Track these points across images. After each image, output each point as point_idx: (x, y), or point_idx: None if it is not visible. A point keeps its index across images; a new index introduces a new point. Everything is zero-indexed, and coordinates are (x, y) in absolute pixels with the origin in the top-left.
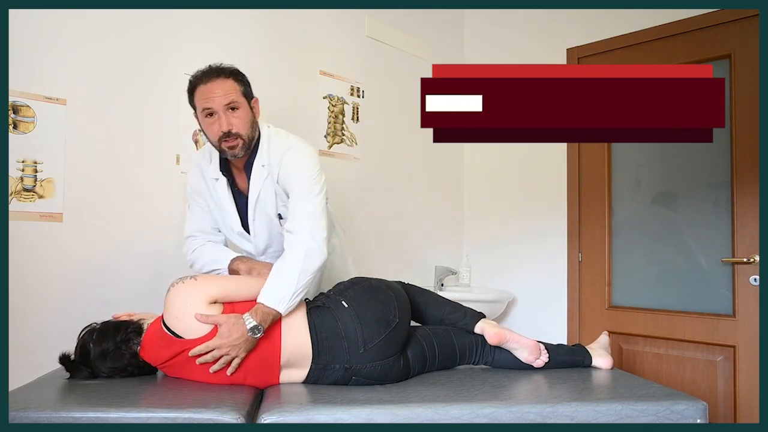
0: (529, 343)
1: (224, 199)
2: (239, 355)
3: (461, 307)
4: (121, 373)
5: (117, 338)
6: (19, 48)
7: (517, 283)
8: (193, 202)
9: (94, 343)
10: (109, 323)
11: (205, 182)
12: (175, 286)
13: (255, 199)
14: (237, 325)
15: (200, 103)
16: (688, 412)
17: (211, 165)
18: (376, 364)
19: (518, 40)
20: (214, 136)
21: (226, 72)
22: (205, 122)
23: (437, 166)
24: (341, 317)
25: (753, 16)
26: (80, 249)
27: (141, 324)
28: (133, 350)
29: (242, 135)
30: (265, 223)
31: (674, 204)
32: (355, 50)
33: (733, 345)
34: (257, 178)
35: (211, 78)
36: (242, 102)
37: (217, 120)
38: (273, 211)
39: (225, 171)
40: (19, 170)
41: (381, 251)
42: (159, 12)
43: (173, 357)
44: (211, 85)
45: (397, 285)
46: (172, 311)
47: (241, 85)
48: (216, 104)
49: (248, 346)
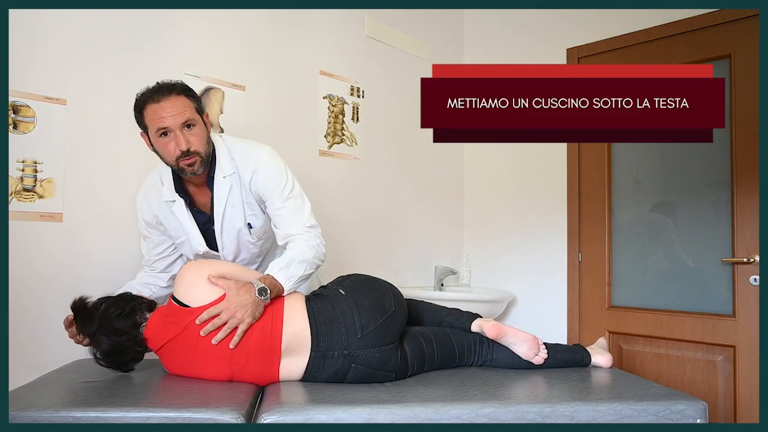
0: (527, 337)
1: (184, 220)
2: (245, 320)
3: (457, 310)
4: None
5: (128, 305)
6: (19, 48)
7: (517, 283)
8: (145, 234)
9: (107, 302)
10: (126, 293)
11: (159, 210)
12: (187, 264)
13: (221, 213)
14: (245, 287)
15: (153, 122)
16: (688, 412)
17: (164, 188)
18: (374, 350)
19: (518, 40)
20: (171, 156)
21: (177, 89)
22: (159, 142)
23: (437, 166)
24: (339, 304)
25: (753, 16)
26: (80, 249)
27: (155, 303)
28: (138, 321)
29: (200, 152)
30: (233, 235)
31: (674, 204)
32: (355, 50)
33: (733, 345)
34: (221, 191)
35: (163, 96)
36: (197, 119)
37: (173, 139)
38: (241, 221)
39: (180, 191)
40: (19, 170)
41: (381, 251)
42: (159, 12)
43: (177, 335)
44: (164, 104)
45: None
46: (182, 283)
47: (193, 101)
48: (171, 123)
49: (255, 311)
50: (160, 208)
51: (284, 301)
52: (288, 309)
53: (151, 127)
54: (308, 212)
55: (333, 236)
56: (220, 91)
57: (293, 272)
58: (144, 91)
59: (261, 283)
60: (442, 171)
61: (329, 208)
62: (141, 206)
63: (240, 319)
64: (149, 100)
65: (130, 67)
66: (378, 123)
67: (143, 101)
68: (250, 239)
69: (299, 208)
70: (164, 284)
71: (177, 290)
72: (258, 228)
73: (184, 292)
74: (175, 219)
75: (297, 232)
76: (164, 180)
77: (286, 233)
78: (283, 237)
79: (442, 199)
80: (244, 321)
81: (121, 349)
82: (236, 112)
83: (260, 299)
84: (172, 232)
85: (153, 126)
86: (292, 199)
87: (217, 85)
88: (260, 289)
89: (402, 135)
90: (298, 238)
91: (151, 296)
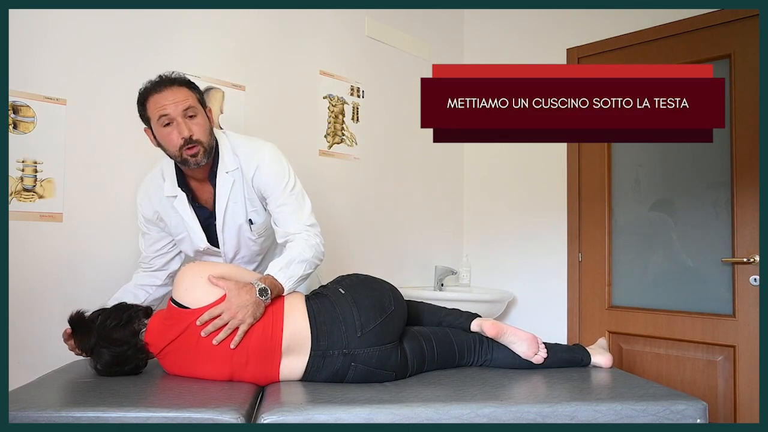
0: (526, 336)
1: (186, 215)
2: (246, 320)
3: (457, 310)
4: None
5: (124, 314)
6: (19, 48)
7: (517, 283)
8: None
9: (103, 314)
10: (122, 303)
11: (160, 206)
12: (186, 266)
13: (223, 208)
14: (246, 288)
15: (155, 111)
16: (688, 412)
17: (166, 183)
18: (374, 349)
19: (518, 40)
20: (174, 146)
21: (178, 81)
22: (161, 132)
23: (437, 166)
24: (339, 302)
25: (753, 16)
26: (80, 249)
27: (151, 308)
28: (137, 329)
29: (203, 142)
30: (234, 231)
31: (674, 204)
32: (355, 50)
33: (733, 345)
34: (224, 186)
35: (164, 86)
36: (199, 109)
37: (175, 127)
38: (243, 217)
39: (182, 186)
40: (19, 170)
41: (381, 251)
42: (159, 12)
43: (178, 336)
44: (165, 93)
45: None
46: (181, 285)
47: (195, 93)
48: (173, 111)
49: (255, 311)
50: (161, 203)
51: (284, 300)
52: (288, 309)
53: (153, 116)
54: (309, 211)
55: (333, 236)
56: (220, 91)
57: (293, 272)
58: (146, 84)
59: (261, 283)
60: (442, 171)
61: (329, 208)
62: (141, 202)
63: (241, 319)
64: (151, 92)
65: (130, 67)
66: (378, 123)
67: (146, 93)
68: (250, 236)
69: (300, 206)
70: (160, 282)
71: (176, 292)
72: (259, 225)
73: (183, 293)
74: (177, 214)
75: (297, 230)
76: (166, 176)
77: (286, 231)
78: (282, 235)
79: (442, 199)
80: (245, 321)
81: (123, 359)
82: (236, 112)
83: (261, 300)
84: (173, 228)
85: (155, 114)
86: (293, 197)
87: (217, 85)
88: (261, 290)
89: (402, 135)
90: (297, 237)
91: (147, 298)
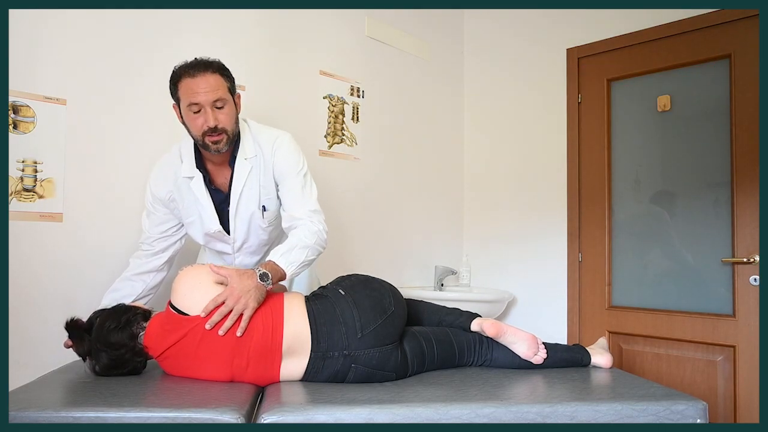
0: (526, 336)
1: (201, 196)
2: (249, 305)
3: (457, 310)
4: (115, 351)
5: (123, 317)
6: (18, 48)
7: (517, 283)
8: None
9: (101, 316)
10: (120, 305)
11: (175, 186)
12: (183, 270)
13: (239, 193)
14: (247, 273)
15: (186, 96)
16: (688, 412)
17: (184, 165)
18: (374, 350)
19: (518, 40)
20: (198, 131)
21: (213, 66)
22: (188, 116)
23: (437, 166)
24: (339, 304)
25: (753, 16)
26: (80, 249)
27: (150, 311)
28: (135, 332)
29: (228, 131)
30: (246, 217)
31: (674, 204)
32: (355, 50)
33: (733, 345)
34: (241, 172)
35: (199, 72)
36: (228, 98)
37: (203, 115)
38: (256, 204)
39: (200, 167)
40: (19, 170)
41: (381, 251)
42: (159, 12)
43: (177, 341)
44: (198, 80)
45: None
46: (180, 290)
47: (227, 80)
48: (203, 100)
49: (258, 295)
50: (176, 184)
51: (284, 302)
52: (288, 310)
53: (184, 100)
54: (314, 197)
55: (333, 236)
56: None
57: (295, 257)
58: (182, 64)
59: (262, 269)
60: (442, 171)
61: (329, 208)
62: (155, 182)
63: (245, 304)
64: (185, 74)
65: (130, 67)
66: (378, 123)
67: (179, 74)
68: (261, 223)
69: (308, 191)
70: (157, 268)
71: (175, 297)
72: (271, 212)
73: (182, 299)
74: (192, 195)
75: (301, 215)
76: (184, 157)
77: (291, 215)
78: (288, 219)
79: (442, 199)
80: (248, 306)
81: (121, 361)
82: None
83: (262, 284)
84: (185, 210)
85: (186, 99)
86: (303, 181)
87: None
88: (262, 275)
89: (402, 135)
90: (300, 223)
91: (143, 290)
